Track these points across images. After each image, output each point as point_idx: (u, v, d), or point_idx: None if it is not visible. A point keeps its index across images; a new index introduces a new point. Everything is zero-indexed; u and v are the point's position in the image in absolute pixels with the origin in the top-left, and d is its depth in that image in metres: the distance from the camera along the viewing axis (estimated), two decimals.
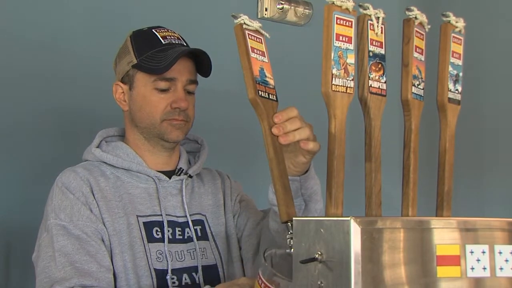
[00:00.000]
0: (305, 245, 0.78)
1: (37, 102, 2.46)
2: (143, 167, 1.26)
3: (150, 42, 1.24)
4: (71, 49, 2.45)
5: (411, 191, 0.93)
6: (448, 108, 0.96)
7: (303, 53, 2.82)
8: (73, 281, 1.10)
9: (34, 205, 1.43)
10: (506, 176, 2.46)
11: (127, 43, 1.27)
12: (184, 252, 1.23)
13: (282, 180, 0.92)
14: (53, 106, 2.49)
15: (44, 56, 2.41)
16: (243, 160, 2.81)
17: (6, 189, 2.39)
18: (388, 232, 0.74)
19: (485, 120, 2.62)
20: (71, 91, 2.49)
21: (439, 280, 0.76)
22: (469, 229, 0.79)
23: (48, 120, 2.49)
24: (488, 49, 2.50)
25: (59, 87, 2.46)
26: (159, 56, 1.21)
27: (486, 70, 2.54)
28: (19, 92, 2.42)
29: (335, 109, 0.90)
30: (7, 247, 2.37)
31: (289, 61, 2.76)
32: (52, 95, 2.48)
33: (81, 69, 2.45)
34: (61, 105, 2.50)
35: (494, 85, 2.58)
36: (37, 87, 2.44)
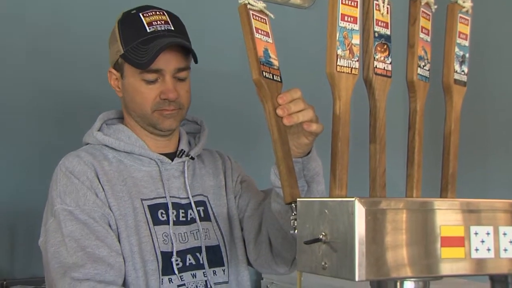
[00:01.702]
0: (309, 226, 0.78)
1: (37, 86, 2.46)
2: (145, 150, 1.25)
3: (136, 31, 1.21)
4: (71, 31, 2.45)
5: (415, 173, 0.93)
6: (454, 89, 0.95)
7: (307, 36, 2.81)
8: (87, 266, 1.10)
9: (37, 189, 1.43)
10: (510, 159, 2.46)
11: (115, 30, 1.25)
12: (187, 233, 1.23)
13: (286, 162, 0.91)
14: (53, 89, 2.49)
15: (44, 39, 2.41)
16: (245, 142, 2.81)
17: (9, 174, 2.40)
18: (392, 213, 0.73)
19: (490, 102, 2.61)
20: (70, 74, 2.49)
21: (443, 261, 0.76)
22: (473, 210, 0.79)
23: (48, 103, 2.50)
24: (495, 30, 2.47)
25: (58, 70, 2.46)
26: (142, 50, 1.18)
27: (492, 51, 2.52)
28: (19, 76, 2.42)
29: (340, 90, 0.89)
30: (11, 231, 2.39)
31: (293, 43, 2.75)
32: (52, 78, 2.48)
33: (81, 51, 2.45)
34: (61, 88, 2.50)
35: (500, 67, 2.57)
36: (36, 71, 2.44)
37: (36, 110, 2.48)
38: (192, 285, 1.20)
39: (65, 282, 1.10)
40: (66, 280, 1.10)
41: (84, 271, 1.10)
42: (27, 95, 2.44)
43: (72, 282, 1.09)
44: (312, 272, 0.78)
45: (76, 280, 1.09)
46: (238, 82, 2.74)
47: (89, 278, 1.09)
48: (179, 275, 1.19)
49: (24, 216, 2.28)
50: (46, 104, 2.51)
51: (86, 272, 1.10)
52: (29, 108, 2.46)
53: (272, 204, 1.15)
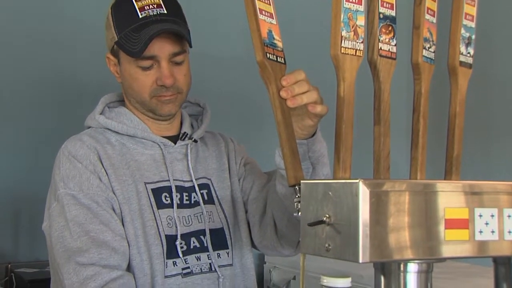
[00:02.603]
0: (313, 208, 0.78)
1: (39, 69, 2.46)
2: (148, 133, 1.25)
3: (128, 17, 1.19)
4: (70, 16, 2.44)
5: (419, 155, 0.92)
6: (459, 71, 0.94)
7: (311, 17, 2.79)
8: (91, 251, 1.10)
9: (41, 174, 1.43)
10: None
11: (109, 16, 1.23)
12: (191, 216, 1.23)
13: (290, 144, 0.91)
14: (54, 73, 2.49)
15: (42, 25, 2.40)
16: (248, 125, 2.81)
17: (12, 158, 2.41)
18: (396, 195, 0.73)
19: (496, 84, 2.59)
20: (71, 57, 2.48)
21: (446, 243, 0.76)
22: (477, 192, 0.78)
23: (49, 89, 2.49)
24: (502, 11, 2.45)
25: (59, 53, 2.45)
26: (134, 37, 1.17)
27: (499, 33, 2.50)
28: (20, 60, 2.41)
29: (344, 72, 0.88)
30: (15, 215, 2.40)
31: (297, 24, 2.73)
32: (53, 61, 2.48)
33: (81, 34, 2.44)
34: (62, 71, 2.50)
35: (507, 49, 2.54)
36: (38, 54, 2.44)
37: (38, 95, 2.48)
38: (197, 268, 1.21)
39: (70, 267, 1.10)
40: (71, 264, 1.10)
41: (89, 256, 1.10)
42: (27, 81, 2.44)
43: (76, 266, 1.09)
44: (316, 254, 0.78)
45: (80, 264, 1.09)
46: (241, 66, 2.73)
47: (94, 263, 1.10)
48: (183, 258, 1.19)
49: (28, 200, 2.29)
50: (47, 89, 2.50)
51: (91, 256, 1.10)
52: (30, 93, 2.46)
53: (277, 186, 1.15)
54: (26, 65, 2.44)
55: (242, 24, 0.95)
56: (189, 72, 1.25)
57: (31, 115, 2.46)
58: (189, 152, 1.28)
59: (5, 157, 2.41)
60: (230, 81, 2.82)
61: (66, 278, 1.10)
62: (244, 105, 2.87)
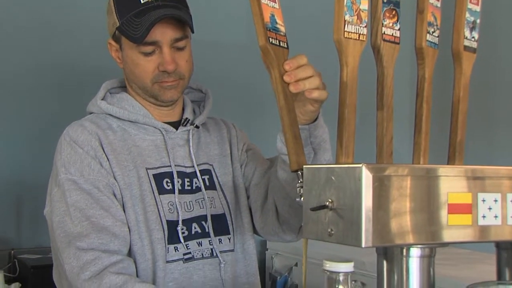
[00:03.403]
0: (315, 193, 0.78)
1: (39, 56, 2.45)
2: (149, 119, 1.25)
3: (129, 2, 1.18)
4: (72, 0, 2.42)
5: (423, 140, 0.92)
6: (464, 56, 0.93)
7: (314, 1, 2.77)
8: (91, 236, 1.11)
9: (43, 160, 1.43)
10: None
11: (110, 1, 1.22)
12: (192, 202, 1.23)
13: (293, 129, 0.90)
14: (55, 59, 2.48)
15: (43, 10, 2.39)
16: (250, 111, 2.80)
17: (15, 145, 2.41)
18: (399, 180, 0.73)
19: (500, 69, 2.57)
20: (73, 44, 2.48)
21: (449, 228, 0.75)
22: (481, 177, 0.78)
23: (51, 73, 2.49)
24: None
25: (60, 39, 2.44)
26: (136, 23, 1.16)
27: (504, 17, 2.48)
28: (21, 47, 2.40)
29: (347, 56, 0.88)
30: (17, 201, 2.40)
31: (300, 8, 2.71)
32: (54, 48, 2.47)
33: (82, 20, 2.43)
34: (64, 58, 2.49)
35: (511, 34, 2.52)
36: (38, 41, 2.43)
37: (39, 82, 2.48)
38: (198, 254, 1.21)
39: (70, 252, 1.10)
40: (71, 249, 1.10)
41: (89, 241, 1.10)
42: (29, 68, 2.43)
43: (77, 251, 1.09)
44: (318, 239, 0.78)
45: (80, 249, 1.09)
46: (243, 52, 2.72)
47: (94, 248, 1.10)
48: (184, 244, 1.19)
49: (30, 186, 2.30)
50: (49, 76, 2.50)
51: (91, 241, 1.10)
52: (31, 81, 2.46)
53: (279, 171, 1.14)
54: (27, 53, 2.43)
55: (244, 10, 0.94)
56: (191, 57, 1.24)
57: (33, 102, 2.46)
58: (190, 138, 1.28)
59: (8, 144, 2.41)
60: (231, 68, 2.81)
61: (66, 263, 1.10)
62: (245, 92, 2.86)
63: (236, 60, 2.81)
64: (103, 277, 1.07)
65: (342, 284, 0.73)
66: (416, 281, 0.78)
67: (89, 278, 1.07)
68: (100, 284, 1.06)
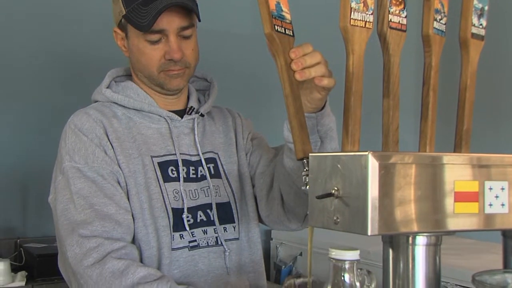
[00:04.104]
0: (321, 182, 0.77)
1: (45, 45, 2.45)
2: (154, 107, 1.25)
3: None
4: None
5: (429, 129, 0.92)
6: (471, 43, 0.92)
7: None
8: (95, 224, 1.11)
9: (48, 149, 1.43)
10: None
11: None
12: (197, 190, 1.23)
13: (298, 117, 0.90)
14: (61, 48, 2.48)
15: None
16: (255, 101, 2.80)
17: (20, 134, 2.41)
18: (406, 168, 0.72)
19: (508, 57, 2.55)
20: (78, 32, 2.47)
21: (456, 216, 0.75)
22: (488, 165, 0.78)
23: (56, 62, 2.49)
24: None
25: (66, 28, 2.44)
26: (143, 11, 1.16)
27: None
28: (28, 36, 2.40)
29: (353, 44, 0.87)
30: (23, 191, 2.41)
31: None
32: (60, 37, 2.46)
33: (88, 8, 2.43)
34: (69, 46, 2.49)
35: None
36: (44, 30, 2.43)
37: (44, 71, 2.48)
38: (203, 242, 1.21)
39: (73, 239, 1.10)
40: (74, 237, 1.10)
41: (92, 228, 1.10)
42: (34, 57, 2.43)
43: (79, 239, 1.10)
44: (324, 227, 0.78)
45: (83, 237, 1.10)
46: (248, 42, 2.71)
47: (97, 235, 1.10)
48: (190, 232, 1.20)
49: (35, 176, 2.30)
50: (54, 65, 2.50)
51: (94, 229, 1.10)
52: (37, 69, 2.46)
53: (285, 160, 1.14)
54: (34, 42, 2.43)
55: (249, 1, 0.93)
56: (197, 46, 1.24)
57: (38, 91, 2.46)
58: (195, 126, 1.28)
59: (13, 133, 2.41)
60: (236, 57, 2.80)
61: (69, 250, 1.10)
62: (250, 81, 2.86)
63: (241, 49, 2.80)
64: (106, 262, 1.07)
65: (348, 272, 0.73)
66: (422, 269, 0.78)
67: (92, 264, 1.07)
68: (102, 269, 1.06)
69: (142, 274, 1.06)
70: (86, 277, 1.07)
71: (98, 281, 1.05)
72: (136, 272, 1.06)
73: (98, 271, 1.06)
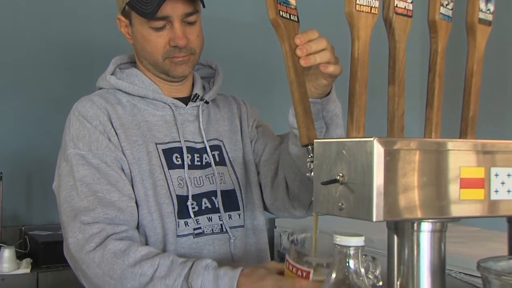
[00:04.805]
0: (326, 168, 0.77)
1: (49, 33, 2.44)
2: (159, 94, 1.24)
3: None
4: None
5: (434, 115, 0.91)
6: (478, 29, 0.91)
7: None
8: (97, 211, 1.11)
9: (54, 136, 1.43)
10: None
11: None
12: (202, 177, 1.23)
13: (303, 103, 0.90)
14: (64, 36, 2.47)
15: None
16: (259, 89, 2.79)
17: (25, 122, 2.41)
18: (411, 154, 0.72)
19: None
20: (81, 20, 2.46)
21: (461, 202, 0.75)
22: (491, 151, 0.77)
23: (60, 50, 2.48)
24: None
25: (69, 16, 2.43)
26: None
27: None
28: (32, 24, 2.40)
29: (359, 30, 0.86)
30: (28, 178, 2.42)
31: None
32: (64, 24, 2.46)
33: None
34: (73, 34, 2.48)
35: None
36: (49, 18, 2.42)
37: (48, 59, 2.47)
38: (208, 229, 1.21)
39: (75, 226, 1.10)
40: (76, 224, 1.10)
41: (94, 215, 1.10)
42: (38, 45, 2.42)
43: (82, 225, 1.10)
44: (329, 213, 0.78)
45: (86, 223, 1.10)
46: (253, 30, 2.70)
47: (99, 221, 1.10)
48: (195, 219, 1.20)
49: (40, 164, 2.31)
50: (58, 53, 2.49)
51: (96, 216, 1.10)
52: (41, 57, 2.45)
53: (290, 146, 1.14)
54: (38, 29, 2.43)
55: None
56: (202, 32, 1.23)
57: (42, 80, 2.46)
58: (200, 114, 1.27)
59: (18, 121, 2.42)
60: (241, 45, 2.79)
61: (71, 236, 1.10)
62: (255, 70, 2.85)
63: (246, 37, 2.79)
64: (107, 244, 1.07)
65: (353, 258, 0.73)
66: (427, 255, 0.78)
67: (93, 249, 1.07)
68: (104, 251, 1.06)
69: (144, 252, 1.06)
70: (88, 261, 1.07)
71: (100, 263, 1.06)
72: (138, 251, 1.06)
73: (100, 253, 1.06)
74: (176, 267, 1.03)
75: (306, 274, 0.90)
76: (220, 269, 1.02)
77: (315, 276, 0.89)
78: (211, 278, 1.00)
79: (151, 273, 1.03)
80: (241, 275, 1.00)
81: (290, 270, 0.93)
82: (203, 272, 1.01)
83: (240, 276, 0.99)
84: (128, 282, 1.04)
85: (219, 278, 1.00)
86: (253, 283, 0.97)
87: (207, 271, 1.01)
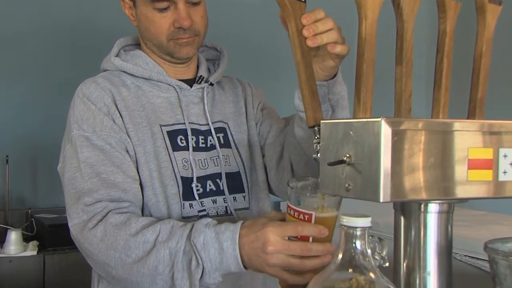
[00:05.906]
0: (333, 149, 0.77)
1: (53, 15, 2.43)
2: (163, 76, 1.24)
3: None
4: None
5: (442, 97, 0.90)
6: (488, 8, 0.90)
7: None
8: (100, 192, 1.10)
9: (59, 119, 1.43)
10: None
11: None
12: (207, 160, 1.23)
13: (309, 84, 0.89)
14: (68, 19, 2.46)
15: None
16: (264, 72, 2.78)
17: (30, 106, 2.42)
18: (419, 134, 0.71)
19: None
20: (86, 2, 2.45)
21: (469, 183, 0.74)
22: (499, 132, 0.76)
23: (64, 33, 2.47)
24: None
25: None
26: None
27: None
28: (36, 7, 2.39)
29: (366, 9, 0.85)
30: (34, 162, 2.43)
31: None
32: (68, 7, 2.45)
33: None
34: (77, 17, 2.47)
35: None
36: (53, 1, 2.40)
37: (52, 43, 2.46)
38: (213, 211, 1.21)
39: (79, 207, 1.10)
40: (79, 205, 1.10)
41: (98, 196, 1.10)
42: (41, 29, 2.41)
43: (85, 207, 1.09)
44: (336, 194, 0.77)
45: (89, 204, 1.10)
46: (258, 12, 2.68)
47: (102, 200, 1.10)
48: (199, 201, 1.19)
49: (46, 147, 2.31)
50: (62, 36, 2.48)
51: (100, 197, 1.10)
52: (45, 41, 2.45)
53: (296, 129, 1.13)
54: (41, 12, 2.42)
55: None
56: (206, 14, 1.22)
57: (47, 63, 2.46)
58: (205, 96, 1.27)
59: (23, 105, 2.42)
60: (246, 27, 2.78)
61: (74, 218, 1.10)
62: (260, 52, 2.83)
63: (251, 18, 2.77)
64: (108, 218, 1.07)
65: (359, 239, 0.72)
66: (434, 236, 0.78)
67: (95, 226, 1.07)
68: (105, 225, 1.06)
69: (145, 222, 1.06)
70: (91, 238, 1.07)
71: (103, 237, 1.06)
72: (139, 221, 1.06)
73: (102, 228, 1.06)
74: (177, 230, 1.03)
75: (309, 217, 0.91)
76: (221, 225, 1.02)
77: (317, 214, 0.90)
78: (213, 234, 1.00)
79: (153, 239, 1.03)
80: (242, 227, 1.00)
81: (292, 215, 0.94)
82: (204, 229, 1.01)
83: (241, 229, 1.00)
84: (133, 251, 1.04)
85: (220, 233, 1.00)
86: (255, 232, 0.97)
87: (208, 228, 1.01)
